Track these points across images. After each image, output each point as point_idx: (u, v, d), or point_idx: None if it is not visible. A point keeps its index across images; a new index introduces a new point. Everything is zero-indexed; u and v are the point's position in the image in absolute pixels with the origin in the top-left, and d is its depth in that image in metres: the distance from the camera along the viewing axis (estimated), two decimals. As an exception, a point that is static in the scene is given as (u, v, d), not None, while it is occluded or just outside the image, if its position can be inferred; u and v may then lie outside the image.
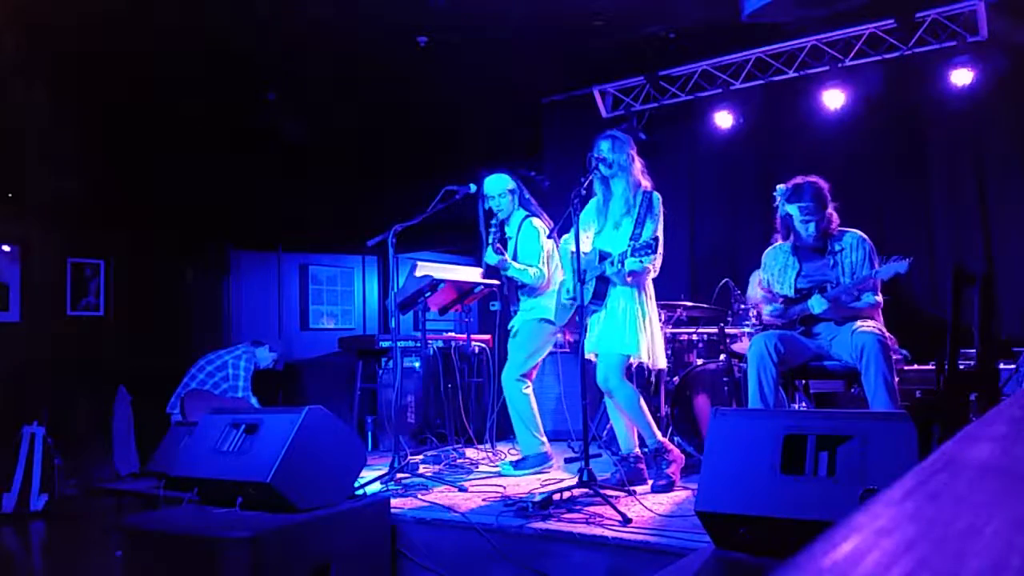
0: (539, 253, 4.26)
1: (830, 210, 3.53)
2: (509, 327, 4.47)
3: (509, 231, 4.41)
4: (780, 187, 3.61)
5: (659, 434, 3.71)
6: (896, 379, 3.17)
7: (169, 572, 2.78)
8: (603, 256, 3.66)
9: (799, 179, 3.56)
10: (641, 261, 3.48)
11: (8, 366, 6.38)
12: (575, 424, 5.38)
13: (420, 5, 5.04)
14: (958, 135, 5.60)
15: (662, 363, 3.80)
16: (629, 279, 3.64)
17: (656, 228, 3.66)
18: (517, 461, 4.20)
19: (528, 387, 4.27)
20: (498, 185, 4.38)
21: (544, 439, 4.25)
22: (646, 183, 3.79)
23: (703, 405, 4.41)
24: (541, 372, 5.62)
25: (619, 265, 3.50)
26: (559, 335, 5.05)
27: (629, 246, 3.46)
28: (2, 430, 5.80)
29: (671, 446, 3.72)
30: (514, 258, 4.29)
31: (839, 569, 0.39)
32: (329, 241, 8.95)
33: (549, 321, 4.25)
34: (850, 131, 5.83)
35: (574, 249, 3.89)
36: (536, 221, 4.34)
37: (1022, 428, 0.73)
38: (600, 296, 3.68)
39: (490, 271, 4.47)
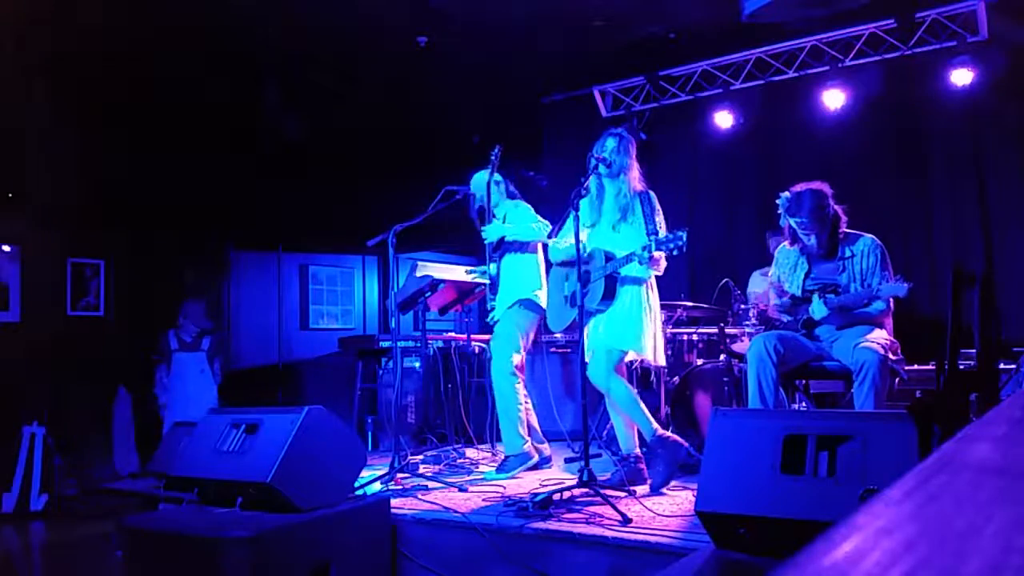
0: (532, 216, 4.25)
1: (835, 213, 3.50)
2: (489, 320, 4.41)
3: (497, 213, 4.40)
4: (783, 195, 3.55)
5: (657, 426, 3.68)
6: (886, 390, 3.18)
7: (169, 572, 2.78)
8: (608, 257, 3.65)
9: (800, 187, 3.49)
10: (672, 252, 3.45)
11: (8, 366, 6.37)
12: (571, 424, 5.39)
13: (420, 5, 5.04)
14: (958, 135, 5.60)
15: (662, 360, 3.79)
16: (654, 271, 3.64)
17: (661, 222, 3.66)
18: (499, 464, 4.17)
19: (520, 383, 4.19)
20: (480, 180, 4.41)
21: (528, 439, 4.18)
22: (640, 187, 3.78)
23: (703, 405, 4.41)
24: (539, 372, 5.62)
25: (647, 254, 3.42)
26: (559, 334, 5.02)
27: (651, 240, 3.43)
28: (2, 430, 5.79)
29: (669, 436, 3.66)
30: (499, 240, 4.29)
31: (839, 569, 0.39)
32: (329, 241, 8.94)
33: (528, 304, 4.20)
34: (850, 131, 5.84)
35: (564, 244, 3.89)
36: (523, 203, 4.36)
37: (1022, 428, 0.73)
38: (610, 295, 3.66)
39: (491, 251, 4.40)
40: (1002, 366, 4.17)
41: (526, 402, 4.25)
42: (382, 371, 5.88)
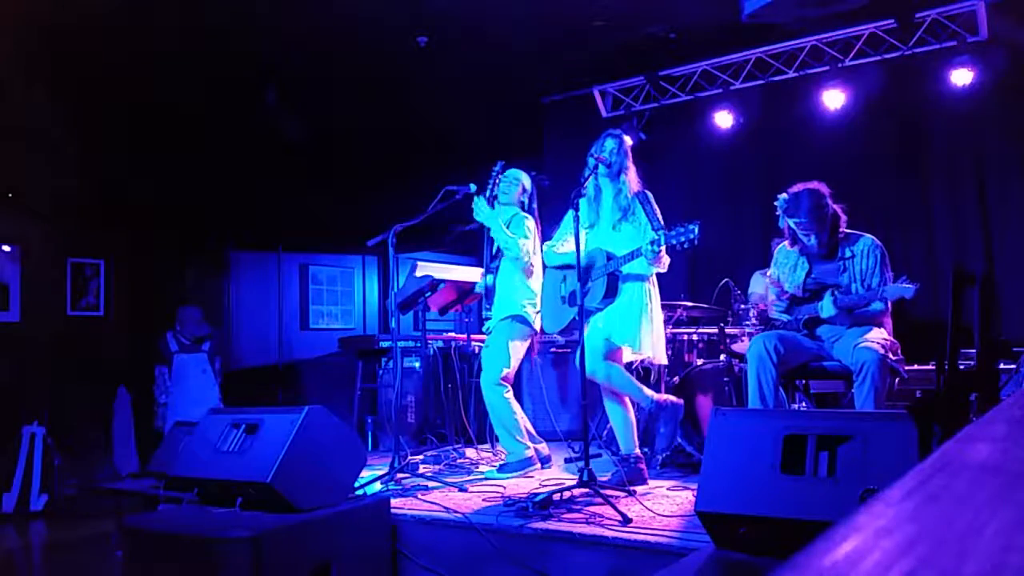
0: (525, 234, 4.24)
1: (834, 212, 3.50)
2: (484, 330, 4.41)
3: (502, 217, 4.40)
4: (780, 197, 3.56)
5: (653, 393, 3.70)
6: (886, 390, 3.18)
7: (169, 572, 2.78)
8: (609, 256, 3.65)
9: (798, 187, 3.50)
10: (683, 245, 3.43)
11: (8, 366, 6.38)
12: (568, 425, 5.39)
13: (420, 5, 5.04)
14: (958, 135, 5.60)
15: (663, 358, 3.79)
16: (657, 268, 3.65)
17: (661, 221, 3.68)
18: (501, 465, 4.18)
19: (508, 392, 4.19)
20: (516, 174, 4.42)
21: (528, 443, 4.18)
22: (637, 187, 3.78)
23: (703, 405, 4.40)
24: (536, 373, 5.63)
25: (656, 248, 3.40)
26: (557, 335, 5.01)
27: (660, 234, 3.42)
28: (2, 430, 5.80)
29: (666, 398, 3.70)
30: (498, 247, 4.28)
31: (839, 569, 0.39)
32: (329, 241, 8.95)
33: (521, 320, 4.20)
34: (850, 131, 5.83)
35: (562, 250, 3.89)
36: (529, 220, 4.34)
37: (1022, 428, 0.73)
38: (612, 293, 3.66)
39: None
40: (1002, 366, 4.16)
41: (518, 408, 4.26)
42: (382, 371, 5.88)
